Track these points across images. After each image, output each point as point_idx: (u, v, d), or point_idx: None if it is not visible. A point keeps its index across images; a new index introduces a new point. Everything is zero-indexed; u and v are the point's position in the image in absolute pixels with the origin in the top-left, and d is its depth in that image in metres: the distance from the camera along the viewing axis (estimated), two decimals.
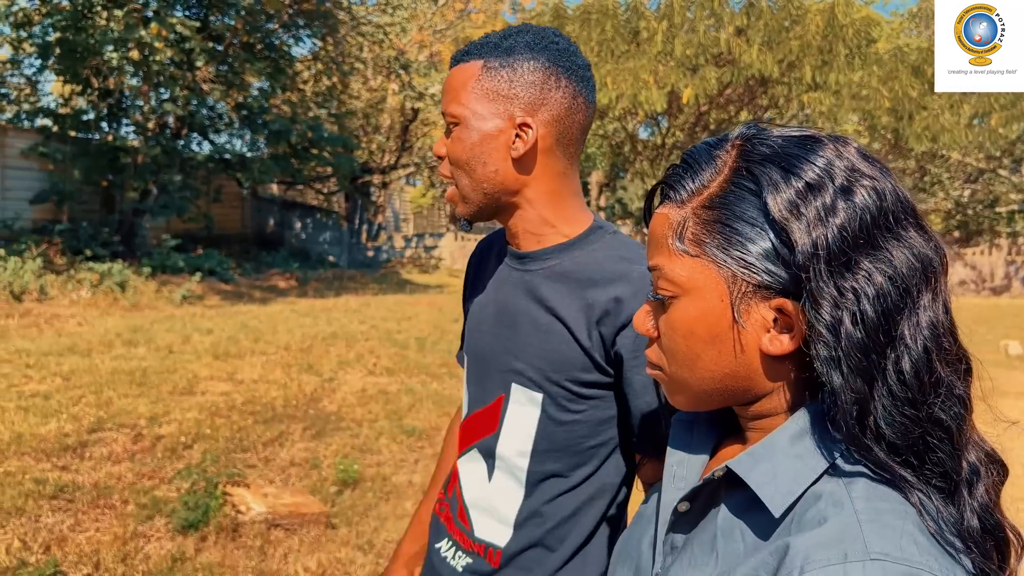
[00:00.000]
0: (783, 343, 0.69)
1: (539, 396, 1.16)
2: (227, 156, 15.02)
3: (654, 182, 0.81)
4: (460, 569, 1.24)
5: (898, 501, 0.64)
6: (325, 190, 21.38)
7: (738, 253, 0.69)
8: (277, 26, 14.68)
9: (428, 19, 20.48)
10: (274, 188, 20.96)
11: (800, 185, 0.67)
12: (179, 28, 12.13)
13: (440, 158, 1.20)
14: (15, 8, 12.12)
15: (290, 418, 5.44)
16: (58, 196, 13.37)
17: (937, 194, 21.70)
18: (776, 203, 0.67)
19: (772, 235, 0.68)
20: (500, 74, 1.13)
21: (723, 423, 0.85)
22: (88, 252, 12.16)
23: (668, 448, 0.86)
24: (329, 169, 17.58)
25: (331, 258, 19.36)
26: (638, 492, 1.18)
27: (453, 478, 1.30)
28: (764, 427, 0.75)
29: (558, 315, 1.16)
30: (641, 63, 13.11)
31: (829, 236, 0.65)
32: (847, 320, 0.64)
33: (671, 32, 13.26)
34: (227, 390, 6.07)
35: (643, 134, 19.43)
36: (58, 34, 12.47)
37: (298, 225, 20.58)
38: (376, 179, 21.76)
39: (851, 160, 0.69)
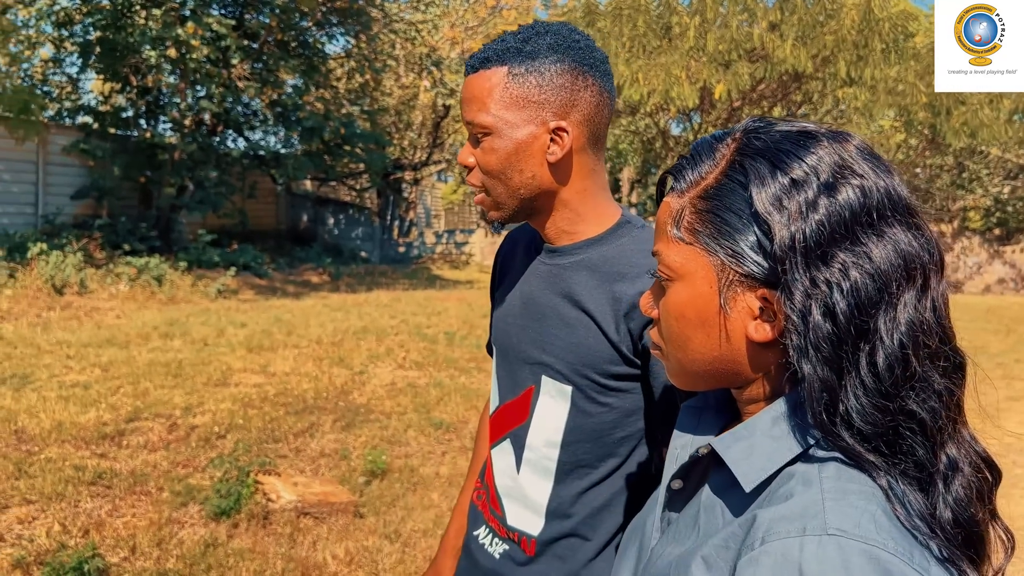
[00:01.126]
0: (766, 331, 0.72)
1: (568, 389, 1.18)
2: (262, 153, 15.24)
3: None
4: (497, 556, 1.26)
5: (867, 484, 0.66)
6: (358, 186, 21.58)
7: (727, 243, 0.73)
8: (311, 24, 14.85)
9: (460, 16, 20.55)
10: (308, 184, 21.20)
11: (785, 180, 0.70)
12: (215, 27, 12.33)
13: (467, 168, 1.19)
14: (57, 8, 12.41)
15: (321, 410, 5.53)
16: (98, 192, 13.67)
17: (976, 191, 21.28)
18: (760, 197, 0.71)
19: (756, 227, 0.71)
20: (528, 80, 1.11)
21: (731, 410, 0.87)
22: (126, 247, 12.43)
23: (674, 432, 0.89)
24: (362, 166, 17.75)
25: (363, 254, 19.54)
26: None
27: (488, 467, 1.32)
28: (755, 411, 0.78)
29: (586, 309, 1.16)
30: (673, 59, 13.05)
31: (807, 230, 0.68)
32: (816, 311, 0.67)
33: (703, 27, 13.18)
34: (260, 382, 6.18)
35: (675, 130, 19.33)
36: (98, 33, 12.76)
37: (331, 221, 20.79)
38: (408, 176, 21.91)
39: (844, 158, 0.71)
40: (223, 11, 13.97)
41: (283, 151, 15.77)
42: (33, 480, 3.90)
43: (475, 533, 1.33)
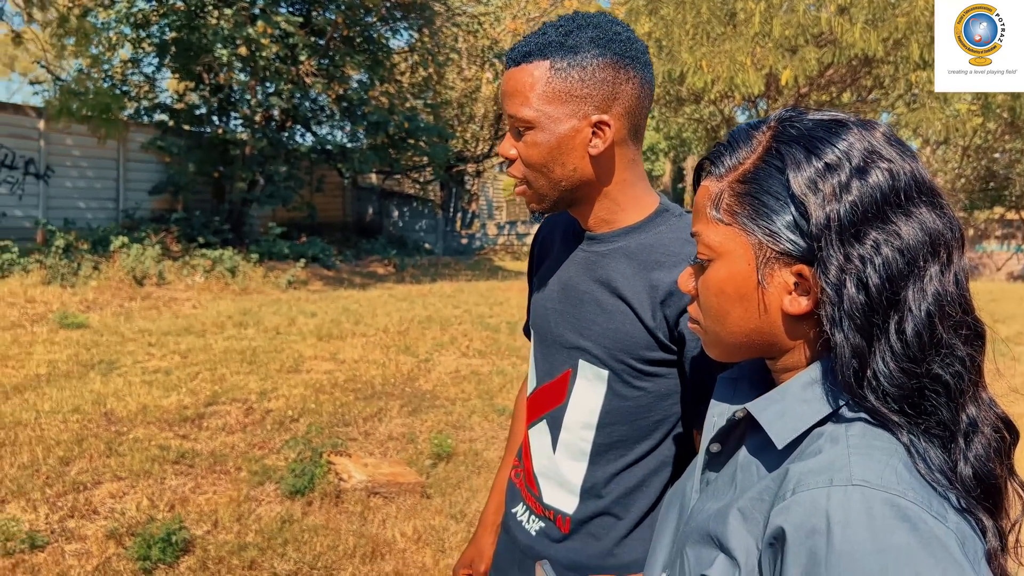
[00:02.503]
0: (801, 304, 0.79)
1: (605, 372, 1.20)
2: (329, 147, 15.58)
3: None
4: (534, 533, 1.30)
5: (890, 441, 0.73)
6: (421, 179, 21.87)
7: (764, 223, 0.79)
8: (375, 19, 15.10)
9: (522, 7, 20.60)
10: (373, 178, 21.59)
11: (820, 165, 0.76)
12: (283, 25, 12.65)
13: (509, 160, 1.20)
14: (135, 9, 12.90)
15: (388, 395, 5.70)
16: (174, 187, 14.21)
17: None
18: (797, 180, 0.77)
19: (793, 208, 0.77)
20: (570, 74, 1.12)
21: (764, 381, 0.93)
22: (201, 240, 12.89)
23: (712, 401, 0.96)
24: (425, 159, 17.98)
25: (427, 245, 19.82)
26: None
27: (525, 446, 1.36)
28: (788, 379, 0.84)
29: (623, 296, 1.19)
30: (738, 45, 12.87)
31: (841, 210, 0.74)
32: (850, 284, 0.73)
33: (769, 13, 12.96)
34: (330, 369, 6.39)
35: (740, 118, 19.03)
36: (173, 34, 13.23)
37: (395, 213, 21.14)
38: (470, 168, 22.11)
39: (872, 144, 0.77)
40: (291, 9, 14.32)
41: (349, 145, 16.09)
42: (122, 458, 4.14)
43: (513, 510, 1.38)
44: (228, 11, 12.25)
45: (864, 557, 0.64)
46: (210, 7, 12.51)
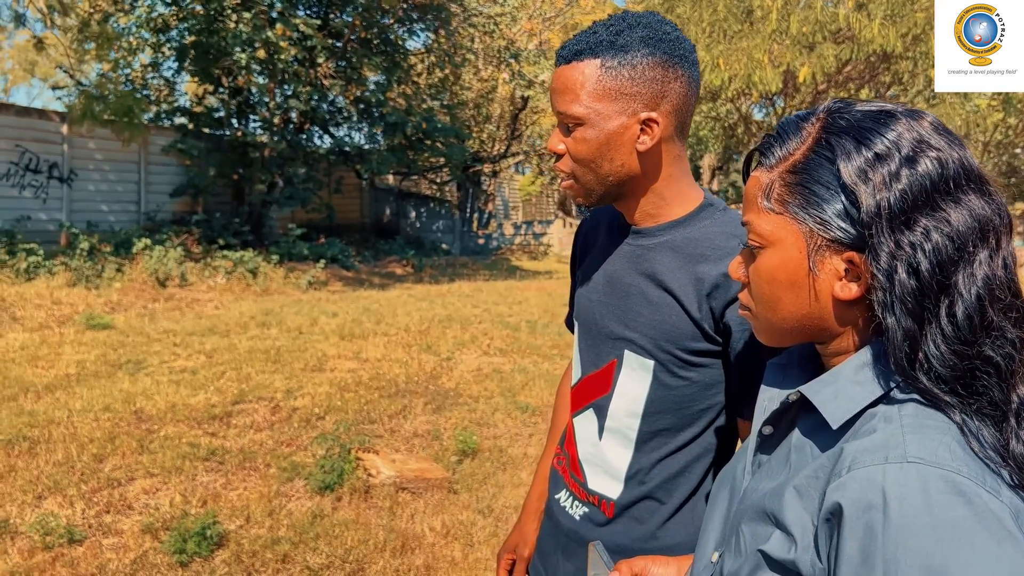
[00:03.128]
0: (851, 290, 0.81)
1: (651, 363, 1.23)
2: (347, 149, 15.68)
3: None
4: (578, 518, 1.34)
5: (943, 420, 0.76)
6: (438, 180, 21.93)
7: (815, 212, 0.82)
8: (392, 21, 15.17)
9: (537, 7, 20.62)
10: (390, 179, 21.68)
11: (870, 155, 0.79)
12: (302, 27, 12.75)
13: (557, 155, 1.22)
14: (155, 14, 13.05)
15: (412, 393, 5.75)
16: (194, 189, 14.36)
17: None
18: (847, 170, 0.80)
19: (844, 197, 0.80)
20: (620, 73, 1.14)
21: (813, 366, 0.96)
22: (221, 241, 13.01)
23: (762, 386, 0.99)
24: (442, 159, 18.04)
25: (444, 246, 19.88)
26: None
27: (568, 434, 1.40)
28: (839, 363, 0.87)
29: (669, 289, 1.22)
30: (755, 42, 12.84)
31: (891, 199, 0.77)
32: (901, 269, 0.76)
33: (786, 9, 12.91)
34: (354, 367, 6.45)
35: (757, 115, 18.98)
36: (192, 37, 13.36)
37: (413, 214, 21.22)
38: (487, 168, 22.15)
39: (921, 133, 0.80)
40: (309, 12, 14.42)
41: (367, 147, 16.18)
42: (154, 455, 4.21)
43: (556, 496, 1.41)
44: (247, 14, 12.36)
45: (920, 531, 0.67)
46: (229, 11, 12.62)
